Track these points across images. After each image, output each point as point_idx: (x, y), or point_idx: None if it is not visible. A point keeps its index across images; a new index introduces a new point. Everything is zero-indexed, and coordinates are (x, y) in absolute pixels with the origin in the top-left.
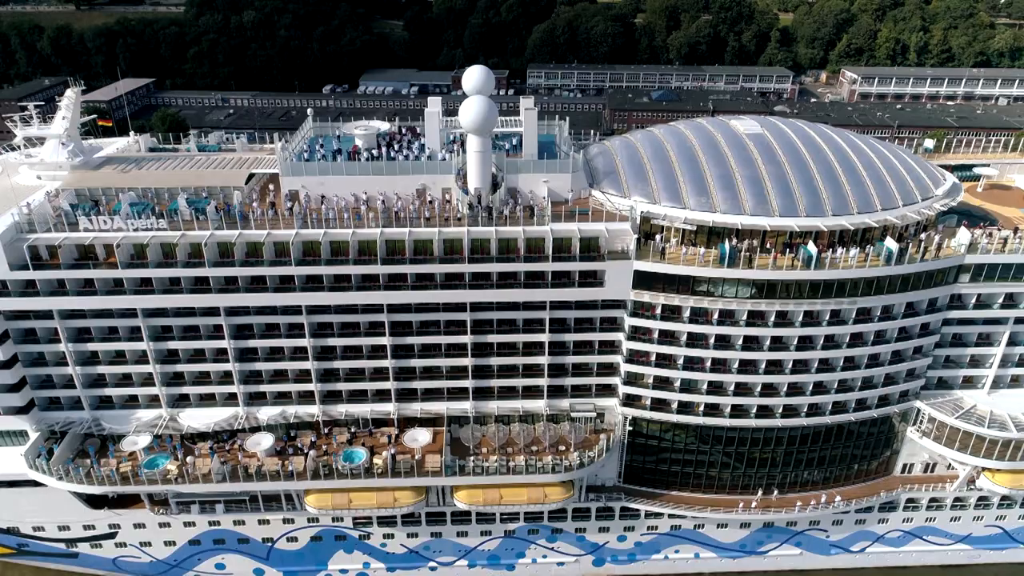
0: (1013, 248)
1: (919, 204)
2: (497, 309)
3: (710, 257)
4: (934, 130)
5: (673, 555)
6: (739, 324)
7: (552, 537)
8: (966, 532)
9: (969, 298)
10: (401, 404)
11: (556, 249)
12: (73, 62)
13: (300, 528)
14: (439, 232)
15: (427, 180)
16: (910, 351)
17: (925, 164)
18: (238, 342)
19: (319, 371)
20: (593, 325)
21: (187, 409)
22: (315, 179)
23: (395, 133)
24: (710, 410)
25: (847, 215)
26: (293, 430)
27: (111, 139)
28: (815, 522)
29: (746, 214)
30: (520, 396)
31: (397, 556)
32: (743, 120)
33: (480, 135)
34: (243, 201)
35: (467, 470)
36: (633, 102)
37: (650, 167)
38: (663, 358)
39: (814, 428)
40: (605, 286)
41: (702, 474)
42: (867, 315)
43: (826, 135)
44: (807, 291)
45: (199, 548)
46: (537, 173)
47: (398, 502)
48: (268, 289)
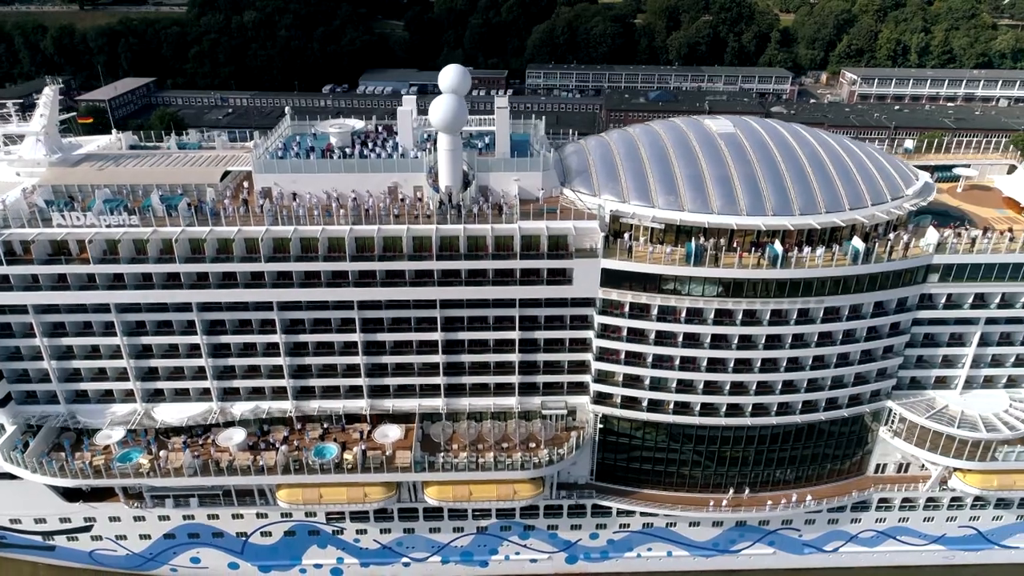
0: (982, 248)
1: (888, 203)
2: (467, 306)
3: (677, 255)
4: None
5: (646, 553)
6: (707, 322)
7: (524, 534)
8: (940, 533)
9: (939, 298)
10: (373, 400)
11: (524, 247)
12: (76, 61)
13: (273, 523)
14: (408, 229)
15: (399, 178)
16: (880, 351)
17: (898, 164)
18: (211, 338)
19: (292, 367)
20: (563, 323)
21: (162, 404)
22: (288, 177)
23: (370, 132)
24: (680, 408)
25: (814, 214)
26: (266, 425)
27: (93, 137)
28: (787, 521)
29: (714, 213)
30: (492, 393)
31: (370, 552)
32: (717, 120)
33: (450, 133)
34: (215, 198)
35: (436, 466)
36: (629, 102)
37: (621, 166)
38: (633, 356)
39: (784, 427)
40: (573, 284)
41: (673, 472)
42: (835, 314)
43: (799, 135)
44: (774, 290)
45: (174, 542)
46: (508, 172)
47: (368, 497)
48: (239, 285)
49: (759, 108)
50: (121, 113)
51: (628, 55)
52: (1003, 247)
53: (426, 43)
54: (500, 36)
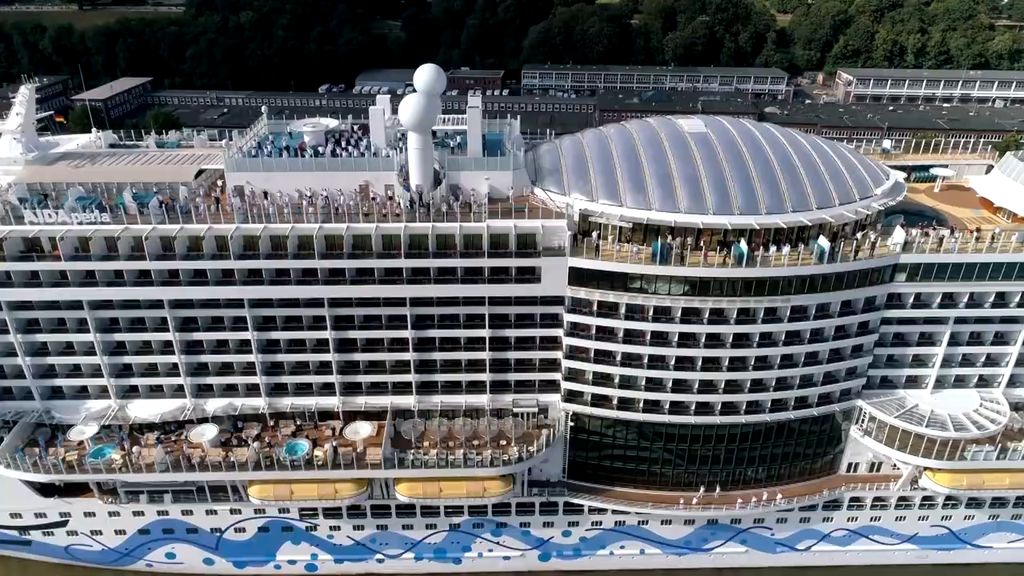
0: (949, 248)
1: (857, 203)
2: (437, 304)
3: (643, 254)
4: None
5: (619, 551)
6: (674, 321)
7: (497, 531)
8: (912, 532)
9: (907, 297)
10: (346, 398)
11: (493, 245)
12: (74, 61)
13: (247, 519)
14: (377, 228)
15: (370, 177)
16: (848, 350)
17: (869, 163)
18: (183, 335)
19: (264, 364)
20: (534, 321)
21: (136, 400)
22: (260, 175)
23: (344, 131)
24: (650, 406)
25: (781, 213)
26: (240, 422)
27: (73, 135)
28: (759, 520)
29: (681, 212)
30: (464, 391)
31: (344, 548)
32: (690, 120)
33: (419, 132)
34: (187, 196)
35: (406, 463)
36: (623, 103)
37: (592, 165)
38: (602, 354)
39: (755, 426)
40: (541, 282)
41: (645, 470)
42: (803, 313)
43: (770, 135)
44: (740, 289)
45: (149, 537)
46: (478, 171)
47: (339, 494)
48: (209, 283)
49: (753, 109)
50: (117, 112)
51: (624, 55)
52: (970, 247)
53: (423, 43)
54: (497, 36)
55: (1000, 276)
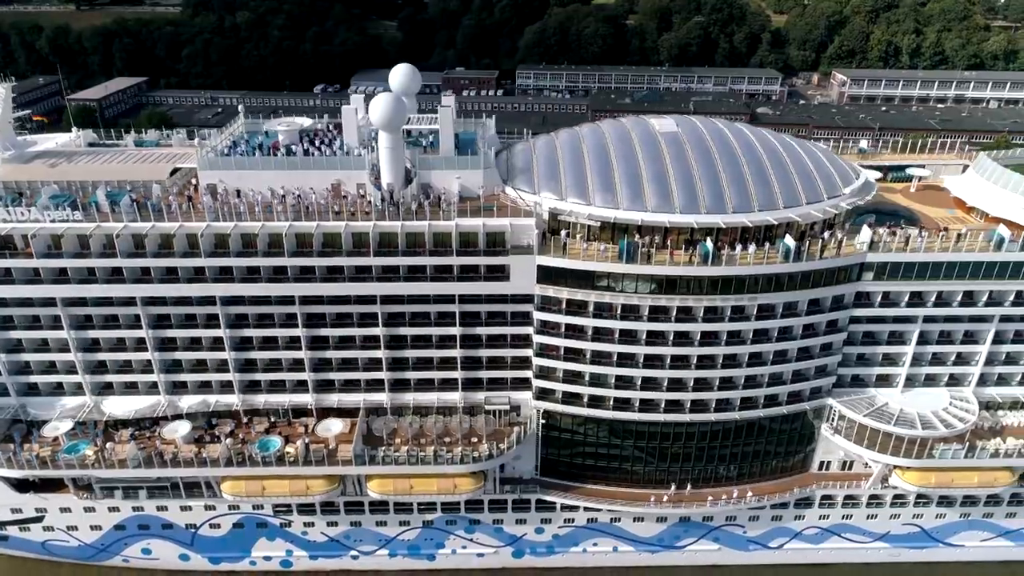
0: (915, 247)
1: (824, 202)
2: (408, 302)
3: (610, 253)
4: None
5: (592, 548)
6: (642, 319)
7: (470, 528)
8: (884, 530)
9: (875, 296)
10: (319, 395)
11: (463, 243)
12: (71, 61)
13: (222, 515)
14: (347, 226)
15: (341, 175)
16: (817, 348)
17: (839, 163)
18: (157, 332)
19: (237, 362)
20: (505, 319)
21: (111, 397)
22: (232, 174)
23: (319, 130)
24: (620, 404)
25: (748, 212)
26: (214, 419)
27: (52, 135)
28: (731, 518)
29: (648, 211)
30: (436, 388)
31: (319, 544)
32: (663, 120)
33: (389, 131)
34: (159, 195)
35: (377, 460)
36: (615, 103)
37: (563, 164)
38: (572, 352)
39: (725, 424)
40: (510, 280)
41: (616, 468)
42: (770, 312)
43: (740, 134)
44: (707, 287)
45: (124, 533)
46: (449, 170)
47: (311, 490)
48: (181, 280)
49: (744, 109)
50: (112, 112)
51: (619, 56)
52: (936, 246)
53: (419, 43)
54: (492, 37)
55: (967, 275)
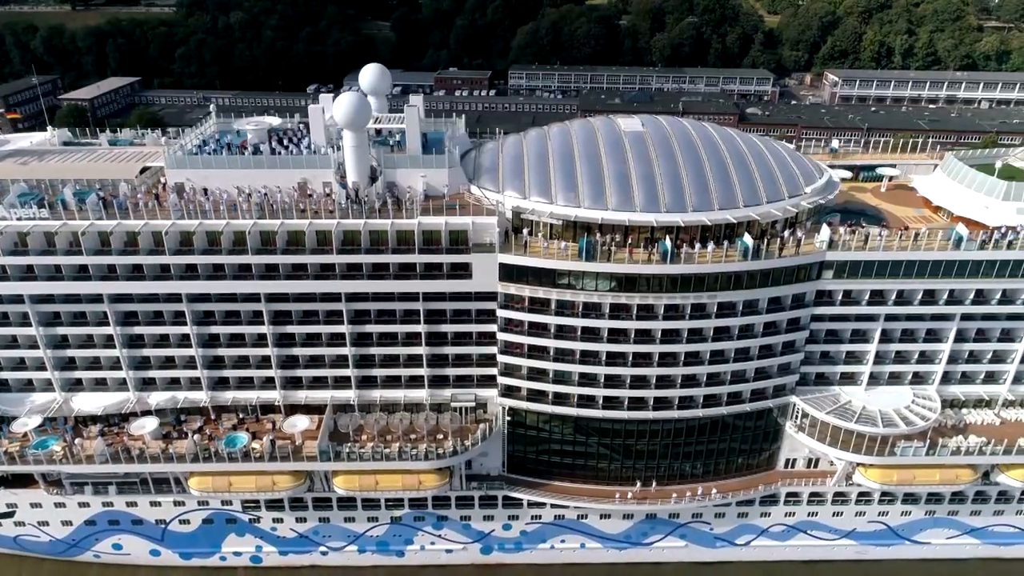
0: (874, 246)
1: (785, 201)
2: (373, 300)
3: (571, 251)
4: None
5: (559, 545)
6: (604, 317)
7: (438, 524)
8: (850, 528)
9: (836, 294)
10: (286, 392)
11: (426, 241)
12: (65, 61)
13: (191, 510)
14: (310, 224)
15: (307, 174)
16: (780, 346)
17: (804, 162)
18: (125, 328)
19: (205, 358)
20: (470, 317)
21: (80, 393)
22: (200, 172)
23: (288, 129)
24: (584, 402)
25: (707, 211)
26: (183, 415)
27: (28, 134)
28: (697, 515)
29: (609, 209)
30: (403, 386)
31: (288, 540)
32: (630, 119)
33: (353, 130)
34: (127, 193)
35: (342, 456)
36: (605, 103)
37: (528, 163)
38: (536, 350)
39: (689, 421)
40: (473, 278)
41: (582, 465)
42: (731, 309)
43: (705, 133)
44: (667, 285)
45: (95, 528)
46: (414, 168)
47: (277, 486)
48: (147, 277)
49: (734, 110)
50: (104, 112)
51: (612, 56)
52: (895, 244)
53: (412, 44)
54: (485, 37)
55: (926, 274)
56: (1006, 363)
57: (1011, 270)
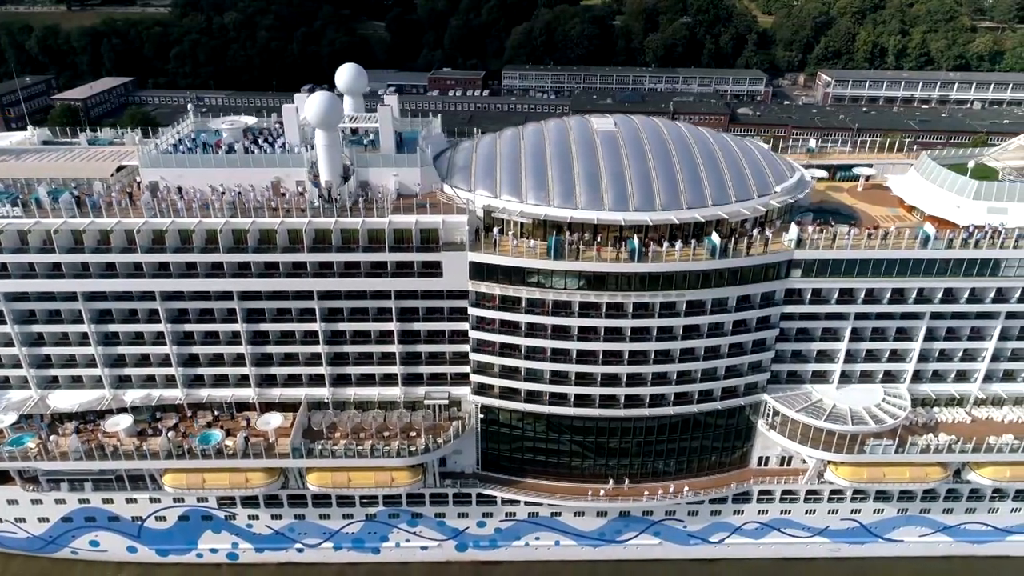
0: (842, 245)
1: (755, 200)
2: (346, 298)
3: (539, 249)
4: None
5: (534, 542)
6: (573, 315)
7: (413, 521)
8: (823, 525)
9: (805, 293)
10: (261, 389)
11: (397, 240)
12: (60, 61)
13: (167, 507)
14: (282, 222)
15: (280, 173)
16: (750, 344)
17: (775, 161)
18: (99, 326)
19: (180, 356)
20: (442, 314)
21: (57, 391)
22: (174, 171)
23: (264, 128)
24: (556, 399)
25: (676, 210)
26: (159, 412)
27: (7, 133)
28: (671, 512)
29: (578, 208)
30: (377, 384)
31: (264, 537)
32: (604, 119)
33: (325, 129)
34: (100, 192)
35: (315, 453)
36: (596, 103)
37: (500, 163)
38: (508, 347)
39: (661, 419)
40: (444, 276)
41: (556, 462)
42: (700, 308)
43: (677, 133)
44: (635, 283)
45: (72, 525)
46: (387, 167)
47: (250, 483)
48: (120, 276)
49: (725, 110)
50: (97, 112)
51: (606, 56)
52: (863, 243)
53: (407, 44)
54: (480, 37)
55: (894, 273)
56: (977, 361)
57: (978, 269)
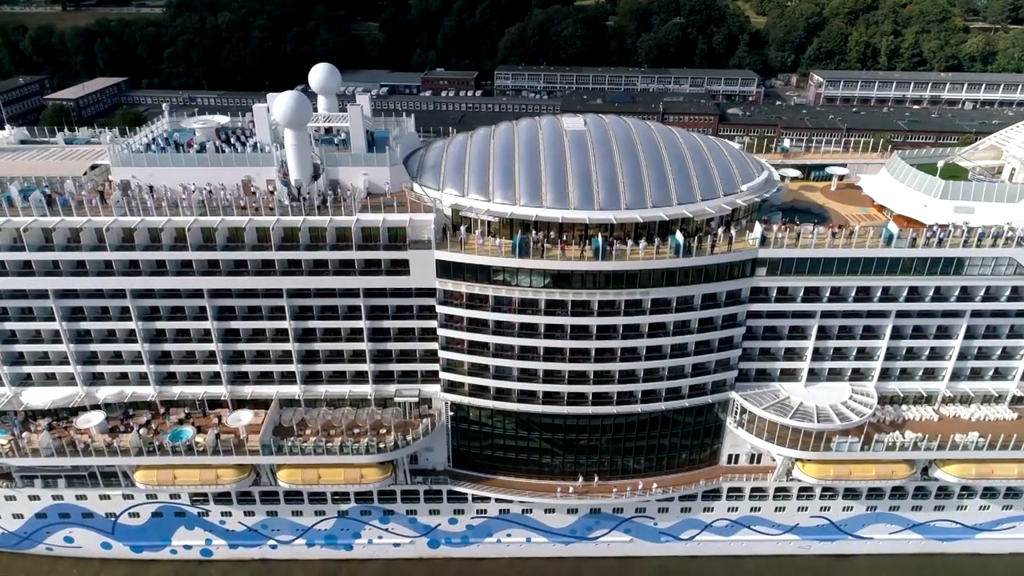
0: (806, 243)
1: (720, 199)
2: (315, 296)
3: (505, 248)
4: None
5: (506, 539)
6: (540, 312)
7: (385, 519)
8: (793, 523)
9: (771, 291)
10: (233, 387)
11: (366, 238)
12: (54, 61)
13: (140, 504)
14: (250, 220)
15: (251, 172)
16: (716, 342)
17: (744, 160)
18: (71, 324)
19: (153, 354)
20: (412, 312)
21: (30, 388)
22: (144, 170)
23: (237, 127)
24: (525, 397)
25: (641, 209)
26: (131, 409)
27: None
28: (641, 509)
29: (544, 207)
30: (349, 381)
31: (237, 533)
32: (574, 118)
33: (293, 129)
34: (72, 191)
35: (284, 450)
36: (587, 104)
37: (469, 162)
38: (476, 345)
39: (628, 416)
40: (411, 274)
41: (526, 460)
42: (665, 306)
43: (646, 132)
44: (600, 281)
45: (46, 521)
46: (356, 166)
47: (221, 479)
48: (90, 273)
49: (715, 110)
50: (90, 112)
51: (599, 57)
52: (826, 242)
53: (400, 44)
54: (473, 38)
55: (859, 271)
56: (944, 360)
57: (942, 268)
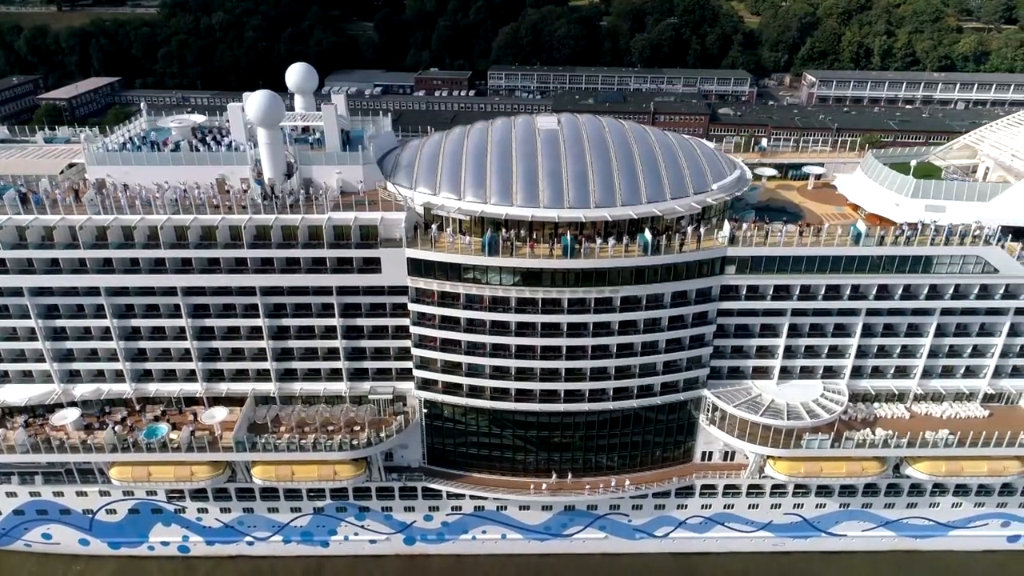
0: (775, 242)
1: (690, 197)
2: (288, 294)
3: (475, 246)
4: (873, 133)
5: (481, 535)
6: (511, 310)
7: (360, 515)
8: (767, 520)
9: (741, 289)
10: (208, 384)
11: (337, 236)
12: (48, 61)
13: (117, 500)
14: (223, 219)
15: (225, 170)
16: (687, 339)
17: (716, 159)
18: (47, 322)
19: (128, 351)
20: (385, 311)
21: (6, 385)
22: (119, 169)
23: (214, 127)
24: (497, 394)
25: (610, 207)
26: (108, 406)
27: None
28: (615, 506)
29: (515, 205)
30: (323, 379)
31: (214, 530)
32: (548, 117)
33: (266, 128)
34: (47, 189)
35: (258, 447)
36: (578, 103)
37: (442, 161)
38: (449, 343)
39: (601, 414)
40: (383, 272)
41: (499, 456)
42: (636, 303)
43: (619, 131)
44: (570, 279)
45: (24, 518)
46: (330, 165)
47: (196, 476)
48: (64, 271)
49: (705, 110)
50: (83, 112)
51: (593, 57)
52: (795, 240)
53: (395, 44)
54: (467, 38)
55: (827, 269)
56: (915, 358)
57: (910, 266)
